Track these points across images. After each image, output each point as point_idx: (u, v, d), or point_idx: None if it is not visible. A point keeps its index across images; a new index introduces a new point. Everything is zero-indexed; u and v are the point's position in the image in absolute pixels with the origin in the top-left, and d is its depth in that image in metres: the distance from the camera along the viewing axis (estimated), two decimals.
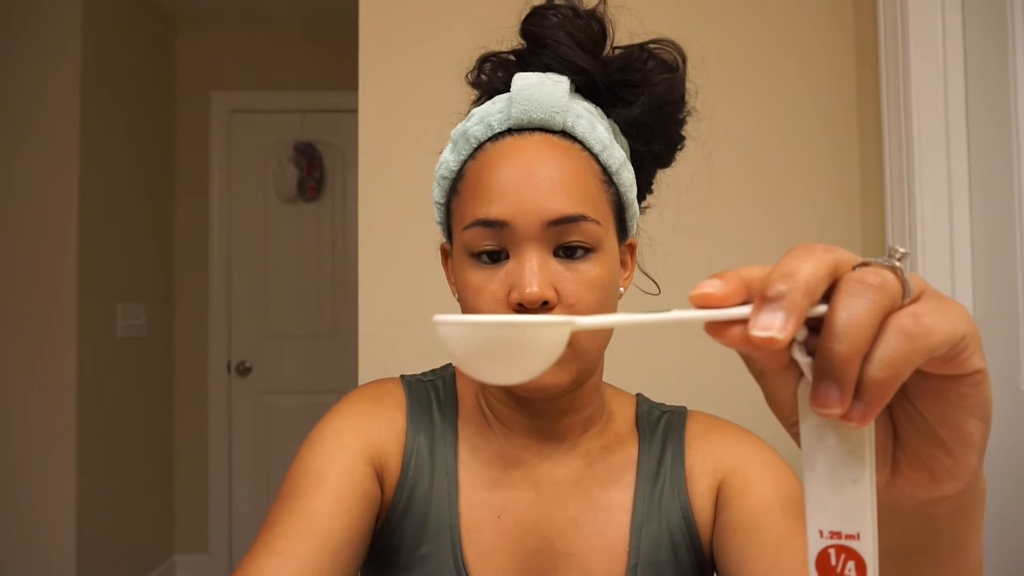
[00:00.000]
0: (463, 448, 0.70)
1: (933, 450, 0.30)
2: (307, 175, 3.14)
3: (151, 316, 2.91)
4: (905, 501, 0.32)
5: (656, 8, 1.49)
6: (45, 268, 2.38)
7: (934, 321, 0.27)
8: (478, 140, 0.66)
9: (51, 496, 2.35)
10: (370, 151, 1.51)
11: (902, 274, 0.28)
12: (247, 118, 3.21)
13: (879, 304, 0.27)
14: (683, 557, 0.67)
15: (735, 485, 0.66)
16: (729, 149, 1.47)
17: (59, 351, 2.37)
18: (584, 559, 0.65)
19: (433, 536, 0.66)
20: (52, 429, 2.36)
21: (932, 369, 0.28)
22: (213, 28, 3.18)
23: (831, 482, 0.28)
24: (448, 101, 0.81)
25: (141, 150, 2.87)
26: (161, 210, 3.05)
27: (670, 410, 0.75)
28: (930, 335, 0.27)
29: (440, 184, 0.70)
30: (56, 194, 2.38)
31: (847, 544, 0.28)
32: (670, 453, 0.70)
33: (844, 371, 0.26)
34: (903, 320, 0.27)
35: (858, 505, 0.28)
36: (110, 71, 2.60)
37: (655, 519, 0.67)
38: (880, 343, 0.27)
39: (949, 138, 1.20)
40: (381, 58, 1.51)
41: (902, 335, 0.27)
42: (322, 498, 0.60)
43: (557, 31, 0.66)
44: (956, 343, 0.27)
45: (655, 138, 0.71)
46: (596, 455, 0.70)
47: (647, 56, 0.68)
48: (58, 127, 2.39)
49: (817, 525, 0.29)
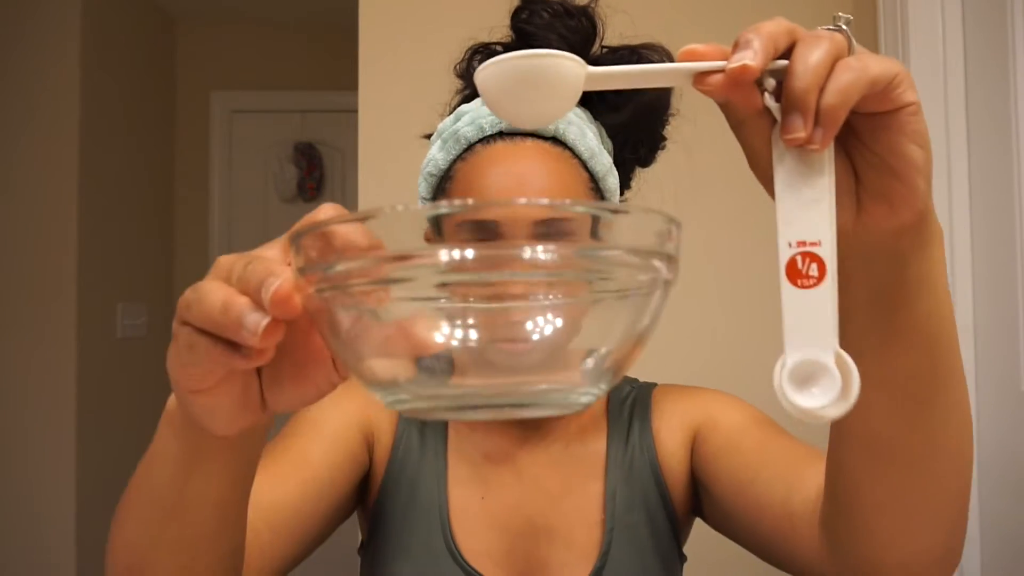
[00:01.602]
0: (452, 437, 0.74)
1: (886, 179, 0.36)
2: (307, 175, 3.14)
3: (151, 316, 2.90)
4: (872, 238, 0.38)
5: (650, 8, 1.49)
6: (45, 268, 2.38)
7: (873, 61, 0.34)
8: (468, 141, 0.66)
9: (51, 496, 2.35)
10: (370, 151, 1.51)
11: (848, 33, 0.35)
12: (247, 118, 3.21)
13: (829, 51, 0.33)
14: (656, 515, 0.71)
15: (706, 426, 0.70)
16: (728, 150, 1.46)
17: (59, 351, 2.37)
18: (565, 531, 0.70)
19: (424, 515, 0.70)
20: (52, 429, 2.36)
21: (876, 106, 0.34)
22: (213, 28, 3.18)
23: (798, 203, 0.34)
24: (447, 101, 0.81)
25: (141, 150, 2.87)
26: (161, 210, 3.05)
27: (639, 385, 0.79)
28: (869, 69, 0.33)
29: (427, 180, 0.71)
30: (56, 194, 2.38)
31: (810, 250, 0.33)
32: (637, 420, 0.74)
33: (805, 101, 0.33)
34: (848, 61, 0.33)
35: (819, 219, 0.34)
36: (110, 71, 2.60)
37: (627, 483, 0.71)
38: (831, 78, 0.33)
39: (949, 138, 1.20)
40: (381, 58, 1.51)
41: (848, 70, 0.33)
42: (314, 445, 0.66)
43: (548, 32, 0.67)
44: (891, 79, 0.33)
45: (641, 143, 0.73)
46: (572, 437, 0.74)
47: (637, 59, 0.70)
48: (58, 127, 2.39)
49: (786, 238, 0.34)
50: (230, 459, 0.41)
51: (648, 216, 0.29)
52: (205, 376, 0.33)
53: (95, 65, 2.49)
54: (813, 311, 0.33)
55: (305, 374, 0.35)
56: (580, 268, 0.28)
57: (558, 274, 0.28)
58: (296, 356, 0.35)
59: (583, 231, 0.29)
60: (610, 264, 0.29)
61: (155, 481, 0.42)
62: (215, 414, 0.36)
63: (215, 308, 0.31)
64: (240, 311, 0.30)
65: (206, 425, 0.36)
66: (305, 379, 0.36)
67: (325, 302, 0.29)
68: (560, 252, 0.27)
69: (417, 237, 0.28)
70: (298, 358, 0.35)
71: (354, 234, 0.28)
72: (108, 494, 2.54)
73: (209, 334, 0.32)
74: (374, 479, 0.73)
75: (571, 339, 0.30)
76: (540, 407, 0.30)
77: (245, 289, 0.31)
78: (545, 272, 0.28)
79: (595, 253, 0.28)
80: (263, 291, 0.30)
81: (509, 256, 0.27)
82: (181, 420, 0.39)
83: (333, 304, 0.29)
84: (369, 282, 0.28)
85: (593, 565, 0.68)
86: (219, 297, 0.31)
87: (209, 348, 0.32)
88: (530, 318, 0.29)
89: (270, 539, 0.58)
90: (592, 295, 0.30)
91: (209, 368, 0.33)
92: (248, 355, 0.32)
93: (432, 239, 0.29)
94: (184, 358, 0.33)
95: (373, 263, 0.27)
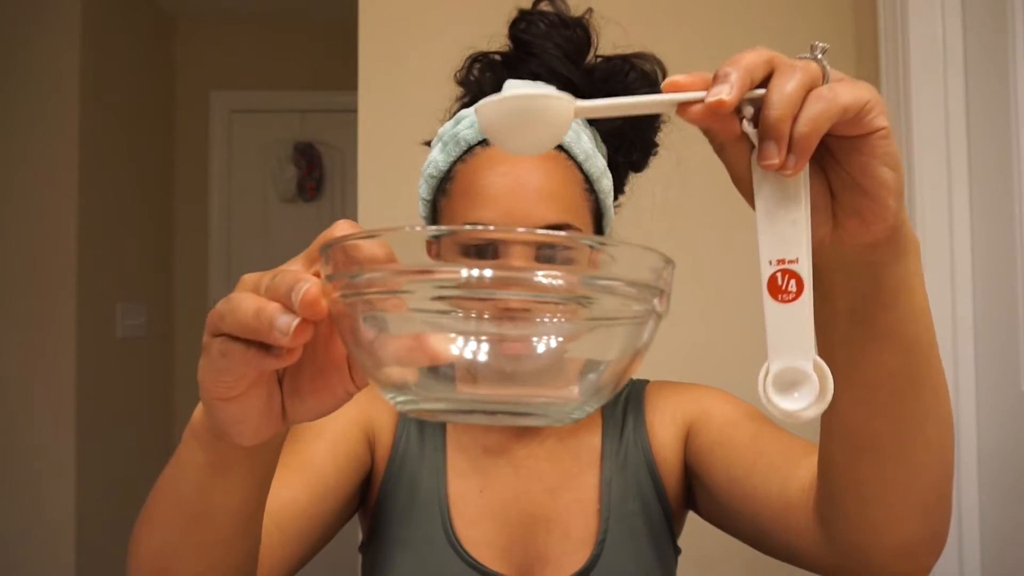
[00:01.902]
0: (450, 434, 0.77)
1: (859, 198, 0.38)
2: (307, 175, 3.14)
3: (151, 316, 2.90)
4: (849, 251, 0.40)
5: (642, 19, 1.49)
6: (44, 268, 2.38)
7: (844, 89, 0.35)
8: (468, 143, 0.69)
9: (51, 496, 2.35)
10: (369, 151, 1.51)
11: (823, 63, 0.37)
12: (247, 118, 3.21)
13: (803, 81, 0.35)
14: (651, 506, 0.73)
15: (699, 420, 0.73)
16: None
17: (58, 351, 2.37)
18: (562, 521, 0.72)
19: (424, 508, 0.72)
20: (51, 429, 2.36)
21: (849, 131, 0.36)
22: (213, 28, 3.18)
23: (776, 224, 0.37)
24: (448, 101, 0.81)
25: (141, 149, 2.87)
26: (161, 210, 3.05)
27: (633, 382, 0.81)
28: (839, 99, 0.35)
29: (428, 182, 0.74)
30: (55, 194, 2.38)
31: (789, 267, 0.36)
32: (631, 415, 0.77)
33: (778, 130, 0.35)
34: (821, 91, 0.35)
35: (796, 238, 0.36)
36: (109, 70, 2.60)
37: (622, 473, 0.74)
38: (803, 108, 0.35)
39: (949, 138, 1.20)
40: (381, 58, 1.51)
41: (820, 100, 0.35)
42: (318, 447, 0.68)
43: (545, 41, 0.70)
44: (862, 106, 0.35)
45: (634, 148, 0.77)
46: (567, 431, 0.77)
47: (629, 68, 0.73)
48: (57, 126, 2.39)
49: (767, 256, 0.37)
50: (250, 469, 0.44)
51: (645, 252, 0.33)
52: (237, 382, 0.37)
53: (95, 65, 2.49)
54: (793, 323, 0.36)
55: (323, 383, 0.39)
56: (582, 295, 0.32)
57: (564, 297, 0.31)
58: (315, 367, 0.39)
59: (583, 257, 0.32)
60: (610, 293, 0.32)
61: (180, 490, 0.45)
62: (242, 422, 0.39)
63: (248, 314, 0.34)
64: (272, 314, 0.34)
65: (232, 434, 0.40)
66: (323, 388, 0.39)
67: (349, 307, 0.33)
68: (567, 279, 0.31)
69: (423, 251, 0.32)
70: (317, 369, 0.39)
71: (377, 248, 0.32)
72: (108, 493, 2.54)
73: (242, 340, 0.35)
74: (375, 476, 0.75)
75: (566, 357, 0.33)
76: (535, 417, 0.34)
77: (275, 296, 0.34)
78: (552, 295, 0.31)
79: (597, 282, 0.32)
80: (293, 294, 0.33)
81: (522, 278, 0.31)
82: (206, 432, 0.42)
83: (355, 309, 0.33)
84: (390, 291, 0.32)
85: (590, 553, 0.70)
86: (251, 305, 0.34)
87: (243, 352, 0.35)
88: (533, 335, 0.32)
89: (280, 540, 0.61)
90: (589, 321, 0.33)
91: (242, 372, 0.36)
92: (279, 355, 0.35)
93: (432, 248, 0.33)
94: (218, 364, 0.36)
95: (393, 274, 0.31)
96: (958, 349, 1.18)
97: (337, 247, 0.33)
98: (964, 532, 1.16)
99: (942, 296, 1.19)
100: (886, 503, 0.49)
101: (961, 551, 1.15)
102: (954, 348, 1.18)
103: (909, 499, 0.48)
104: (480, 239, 0.33)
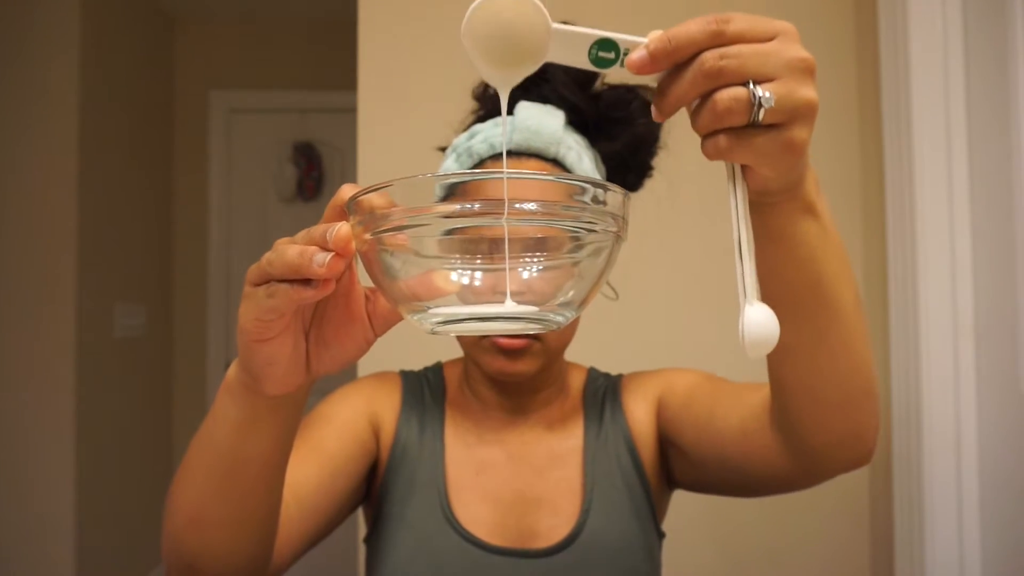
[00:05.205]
0: (448, 421, 0.84)
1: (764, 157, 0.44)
2: (306, 175, 3.14)
3: (150, 316, 2.90)
4: (752, 193, 0.46)
5: (646, 15, 1.49)
6: (44, 268, 2.38)
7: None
8: (480, 157, 0.75)
9: (50, 496, 2.35)
10: (369, 151, 1.51)
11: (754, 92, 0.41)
12: (246, 117, 3.21)
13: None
14: (630, 479, 0.81)
15: (666, 391, 0.82)
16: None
17: (57, 351, 2.37)
18: (551, 499, 0.79)
19: (424, 491, 0.79)
20: (50, 429, 2.36)
21: None
22: (212, 27, 3.18)
23: (734, 211, 0.44)
24: (447, 101, 0.82)
25: (140, 149, 2.87)
26: (160, 210, 3.05)
27: (612, 378, 0.90)
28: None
29: (440, 189, 0.77)
30: (55, 194, 2.38)
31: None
32: (609, 402, 0.86)
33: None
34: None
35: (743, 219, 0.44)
36: (109, 70, 2.60)
37: (603, 450, 0.82)
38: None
39: (950, 139, 1.20)
40: (380, 58, 1.51)
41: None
42: (329, 431, 0.76)
43: (557, 69, 0.75)
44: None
45: (631, 170, 0.82)
46: (554, 420, 0.85)
47: (633, 97, 0.79)
48: (57, 126, 2.39)
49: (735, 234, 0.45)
50: (276, 422, 0.52)
51: (611, 188, 0.40)
52: (276, 322, 0.44)
53: (94, 64, 2.49)
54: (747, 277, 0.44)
55: (347, 333, 0.48)
56: (563, 216, 0.39)
57: (546, 221, 0.39)
58: (339, 319, 0.47)
59: (562, 192, 0.39)
60: (587, 212, 0.39)
61: (216, 441, 0.52)
62: (273, 364, 0.46)
63: (294, 254, 0.41)
64: (312, 252, 0.41)
65: (263, 378, 0.47)
66: (347, 337, 0.48)
67: (376, 242, 0.40)
68: (547, 206, 0.38)
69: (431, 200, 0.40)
70: (340, 320, 0.47)
71: (387, 197, 0.40)
72: (107, 492, 2.54)
73: (286, 281, 0.42)
74: (379, 466, 0.82)
75: (552, 275, 0.40)
76: (525, 322, 0.41)
77: (311, 242, 0.42)
78: (537, 219, 0.38)
79: (572, 208, 0.39)
80: (327, 234, 0.41)
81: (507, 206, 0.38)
82: (239, 386, 0.49)
83: (379, 246, 0.40)
84: (402, 227, 0.39)
85: (575, 523, 0.78)
86: (295, 249, 0.42)
87: (287, 289, 0.42)
88: (521, 254, 0.40)
89: (298, 513, 0.67)
90: (569, 242, 0.40)
91: (285, 308, 0.43)
92: (317, 287, 0.42)
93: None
94: (265, 304, 0.43)
95: (405, 212, 0.39)
96: (958, 349, 1.18)
97: (364, 197, 0.40)
98: (964, 532, 1.15)
99: (942, 296, 1.19)
100: (812, 401, 0.57)
101: (961, 551, 1.15)
102: (954, 348, 1.18)
103: (829, 397, 0.56)
104: (471, 178, 0.40)
